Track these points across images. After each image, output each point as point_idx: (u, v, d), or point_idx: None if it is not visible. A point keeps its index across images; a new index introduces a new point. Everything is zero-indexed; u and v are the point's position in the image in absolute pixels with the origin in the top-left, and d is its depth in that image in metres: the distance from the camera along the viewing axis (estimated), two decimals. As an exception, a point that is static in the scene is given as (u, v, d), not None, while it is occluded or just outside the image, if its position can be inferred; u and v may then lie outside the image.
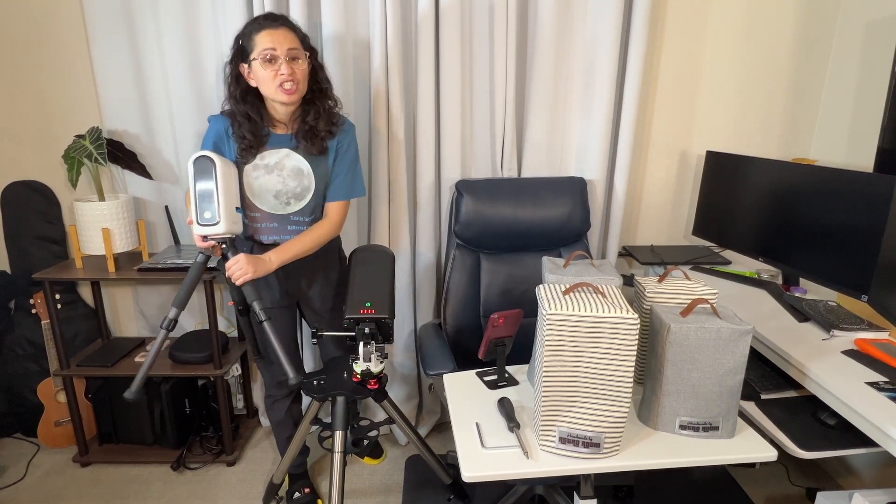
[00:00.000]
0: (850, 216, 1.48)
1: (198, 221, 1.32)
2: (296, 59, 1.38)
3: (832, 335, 1.43)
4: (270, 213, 1.50)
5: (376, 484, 1.93)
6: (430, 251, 1.99)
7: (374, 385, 1.48)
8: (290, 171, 1.48)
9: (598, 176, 1.94)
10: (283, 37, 1.36)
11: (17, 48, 1.90)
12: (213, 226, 1.32)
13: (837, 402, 1.20)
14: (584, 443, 1.04)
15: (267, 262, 1.42)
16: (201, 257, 1.36)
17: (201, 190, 1.31)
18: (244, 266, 1.36)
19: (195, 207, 1.31)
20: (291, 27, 1.40)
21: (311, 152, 1.48)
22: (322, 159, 1.50)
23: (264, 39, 1.35)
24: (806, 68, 2.02)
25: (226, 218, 1.32)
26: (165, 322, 1.31)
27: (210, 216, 1.31)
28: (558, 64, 1.86)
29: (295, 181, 1.48)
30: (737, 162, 1.86)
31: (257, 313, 1.34)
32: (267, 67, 1.36)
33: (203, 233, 1.33)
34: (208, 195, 1.31)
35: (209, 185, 1.30)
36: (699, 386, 1.09)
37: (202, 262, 1.36)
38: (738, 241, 1.88)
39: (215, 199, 1.31)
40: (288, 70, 1.36)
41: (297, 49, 1.38)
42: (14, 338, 2.06)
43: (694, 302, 1.10)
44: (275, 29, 1.36)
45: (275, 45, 1.35)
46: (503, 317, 1.28)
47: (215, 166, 1.31)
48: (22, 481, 1.92)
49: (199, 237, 1.35)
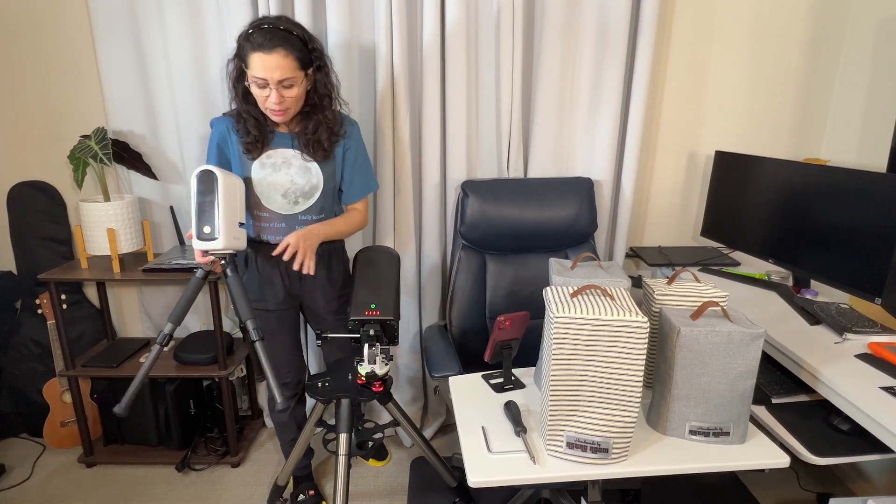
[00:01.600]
0: (863, 217, 1.45)
1: (197, 236, 1.29)
2: (289, 87, 1.34)
3: (845, 338, 1.40)
4: (279, 214, 1.49)
5: (381, 486, 1.92)
6: (435, 252, 1.97)
7: (379, 387, 1.46)
8: (298, 168, 1.47)
9: (606, 176, 1.92)
10: (274, 65, 1.29)
11: (22, 49, 1.90)
12: (211, 241, 1.29)
13: (851, 407, 1.17)
14: (591, 448, 1.03)
15: (315, 232, 1.43)
16: (200, 272, 1.32)
17: (202, 204, 1.28)
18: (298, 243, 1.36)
19: (195, 221, 1.29)
20: (286, 49, 1.30)
21: (317, 159, 1.47)
22: (328, 161, 1.50)
23: (256, 63, 1.30)
24: (816, 66, 1.99)
25: (225, 234, 1.29)
26: (160, 337, 1.27)
27: (209, 231, 1.28)
28: (565, 62, 1.84)
29: (303, 178, 1.47)
30: (747, 162, 1.83)
31: (250, 332, 1.29)
32: (257, 91, 1.34)
33: (202, 248, 1.30)
34: (209, 210, 1.28)
35: (210, 200, 1.28)
36: (709, 390, 1.07)
37: (201, 278, 1.32)
38: (747, 243, 1.85)
39: (216, 215, 1.28)
40: (277, 98, 1.33)
41: (290, 78, 1.32)
42: (20, 338, 2.07)
43: (704, 305, 1.08)
44: (267, 54, 1.28)
45: (265, 76, 1.30)
46: (509, 319, 1.27)
47: (217, 181, 1.27)
48: (27, 481, 1.93)
49: (199, 252, 1.33)
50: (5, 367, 2.06)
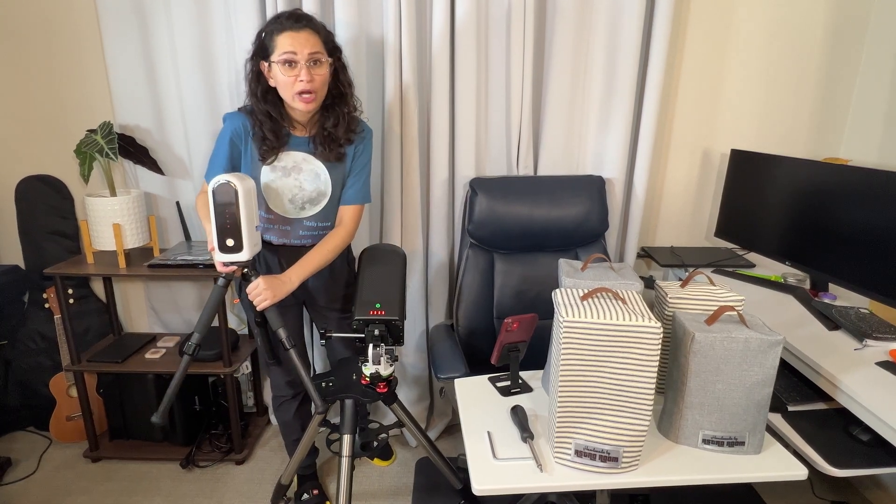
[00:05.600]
0: (885, 218, 1.40)
1: (220, 249, 1.25)
2: (317, 64, 1.32)
3: (865, 345, 1.36)
4: (284, 217, 1.47)
5: (385, 486, 1.90)
6: (442, 250, 1.94)
7: (384, 388, 1.44)
8: (308, 174, 1.44)
9: (617, 174, 1.87)
10: (305, 40, 1.29)
11: (30, 44, 1.89)
12: (236, 253, 1.26)
13: (872, 417, 1.13)
14: (601, 456, 1.00)
15: (287, 282, 1.36)
16: (222, 281, 1.30)
17: (222, 219, 1.23)
18: (262, 291, 1.30)
19: (216, 235, 1.24)
20: (315, 29, 1.32)
21: (329, 159, 1.44)
22: (339, 165, 1.47)
23: (285, 41, 1.29)
24: (837, 62, 1.93)
25: (249, 245, 1.26)
26: (190, 348, 1.25)
27: (233, 244, 1.25)
28: (577, 58, 1.80)
29: (312, 185, 1.45)
30: (764, 161, 1.78)
31: (283, 341, 1.29)
32: (286, 72, 1.30)
33: (226, 260, 1.27)
34: (231, 223, 1.23)
35: (232, 213, 1.22)
36: (724, 398, 1.03)
37: (223, 287, 1.30)
38: (763, 244, 1.80)
39: (240, 228, 1.24)
40: (307, 76, 1.30)
41: (319, 52, 1.31)
42: (27, 332, 2.07)
43: (720, 309, 1.04)
44: (297, 31, 1.29)
45: (295, 49, 1.28)
46: (517, 321, 1.23)
47: (238, 193, 1.22)
48: (34, 475, 1.93)
49: (221, 263, 1.29)
50: (13, 360, 2.07)
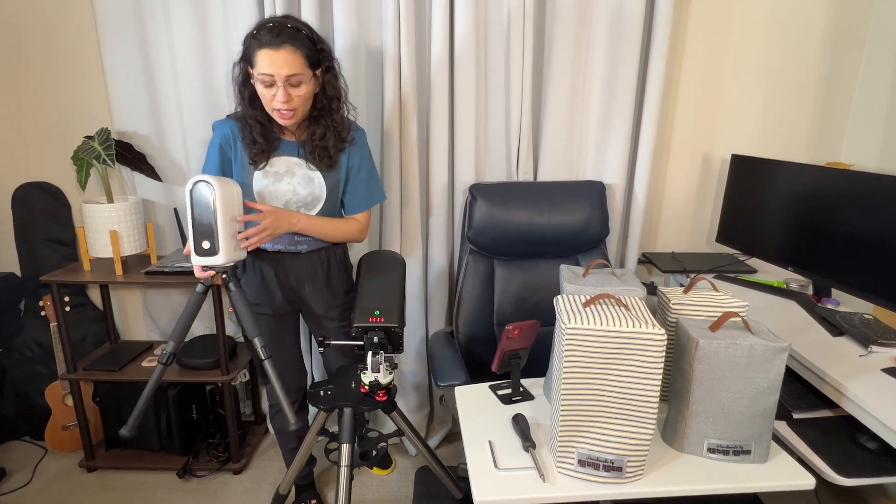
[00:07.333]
0: (888, 223, 1.39)
1: (196, 251, 1.22)
2: (297, 85, 1.28)
3: (870, 351, 1.34)
4: None
5: (385, 495, 1.88)
6: (442, 257, 1.93)
7: (383, 397, 1.42)
8: (301, 178, 1.42)
9: (618, 180, 1.86)
10: (283, 60, 1.23)
11: (28, 50, 1.89)
12: (212, 256, 1.22)
13: (879, 425, 1.11)
14: (604, 466, 0.98)
15: (294, 220, 1.37)
16: (201, 287, 1.26)
17: (199, 219, 1.20)
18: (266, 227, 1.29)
19: (192, 237, 1.22)
20: (294, 46, 1.25)
21: (321, 168, 1.42)
22: (333, 171, 1.45)
23: (263, 60, 1.24)
24: (837, 66, 1.92)
25: (225, 248, 1.22)
26: (164, 357, 1.22)
27: (209, 246, 1.21)
28: (576, 62, 1.79)
29: (306, 189, 1.43)
30: (765, 166, 1.77)
31: (257, 351, 1.24)
32: (264, 90, 1.28)
33: (202, 264, 1.24)
34: (207, 224, 1.20)
35: (207, 214, 1.19)
36: (729, 406, 1.01)
37: (201, 293, 1.26)
38: (764, 249, 1.79)
39: (214, 229, 1.21)
40: (283, 97, 1.26)
41: (298, 74, 1.26)
42: (23, 340, 2.05)
43: (724, 316, 1.03)
44: (275, 49, 1.23)
45: (272, 71, 1.24)
46: (518, 328, 1.22)
47: (214, 192, 1.18)
48: (28, 485, 1.90)
49: (199, 267, 1.27)
50: (8, 369, 2.05)
